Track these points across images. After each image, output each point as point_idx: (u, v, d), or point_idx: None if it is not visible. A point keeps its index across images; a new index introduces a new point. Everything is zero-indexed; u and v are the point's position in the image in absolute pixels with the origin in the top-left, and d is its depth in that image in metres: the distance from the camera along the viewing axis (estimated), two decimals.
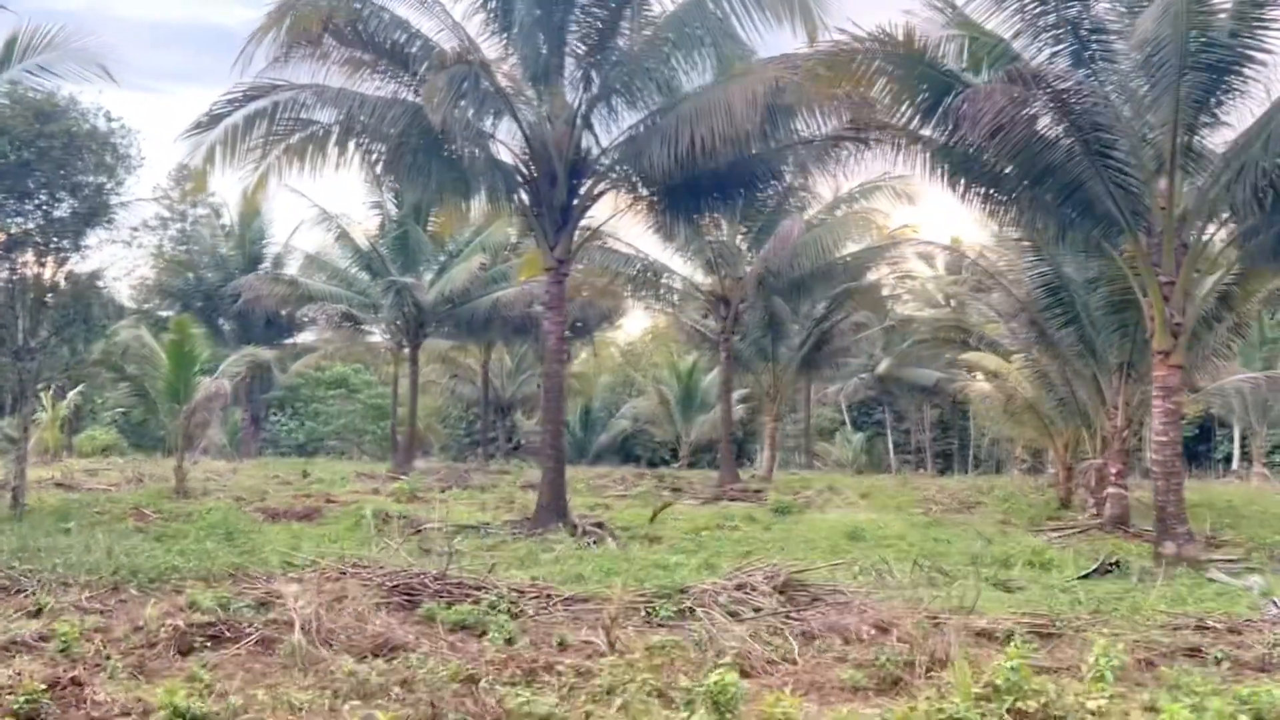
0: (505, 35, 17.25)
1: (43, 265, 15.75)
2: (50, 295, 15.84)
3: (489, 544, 15.95)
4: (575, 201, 17.48)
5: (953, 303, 49.46)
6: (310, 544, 15.15)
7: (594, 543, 16.44)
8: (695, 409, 52.20)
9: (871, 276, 35.23)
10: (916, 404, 55.23)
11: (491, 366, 56.23)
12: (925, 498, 28.17)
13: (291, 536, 16.33)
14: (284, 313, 42.10)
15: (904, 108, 14.85)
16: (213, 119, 16.35)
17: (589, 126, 17.31)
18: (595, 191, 17.71)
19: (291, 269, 41.74)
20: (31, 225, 15.55)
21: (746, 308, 29.75)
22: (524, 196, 17.62)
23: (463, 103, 14.46)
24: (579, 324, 44.38)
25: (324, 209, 35.63)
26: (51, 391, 33.09)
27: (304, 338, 50.06)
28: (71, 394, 34.60)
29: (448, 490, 26.50)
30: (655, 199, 17.85)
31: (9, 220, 15.38)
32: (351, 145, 17.38)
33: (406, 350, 35.98)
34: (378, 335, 57.46)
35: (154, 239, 41.93)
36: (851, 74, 14.83)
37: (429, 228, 36.03)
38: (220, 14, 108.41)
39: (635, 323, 75.90)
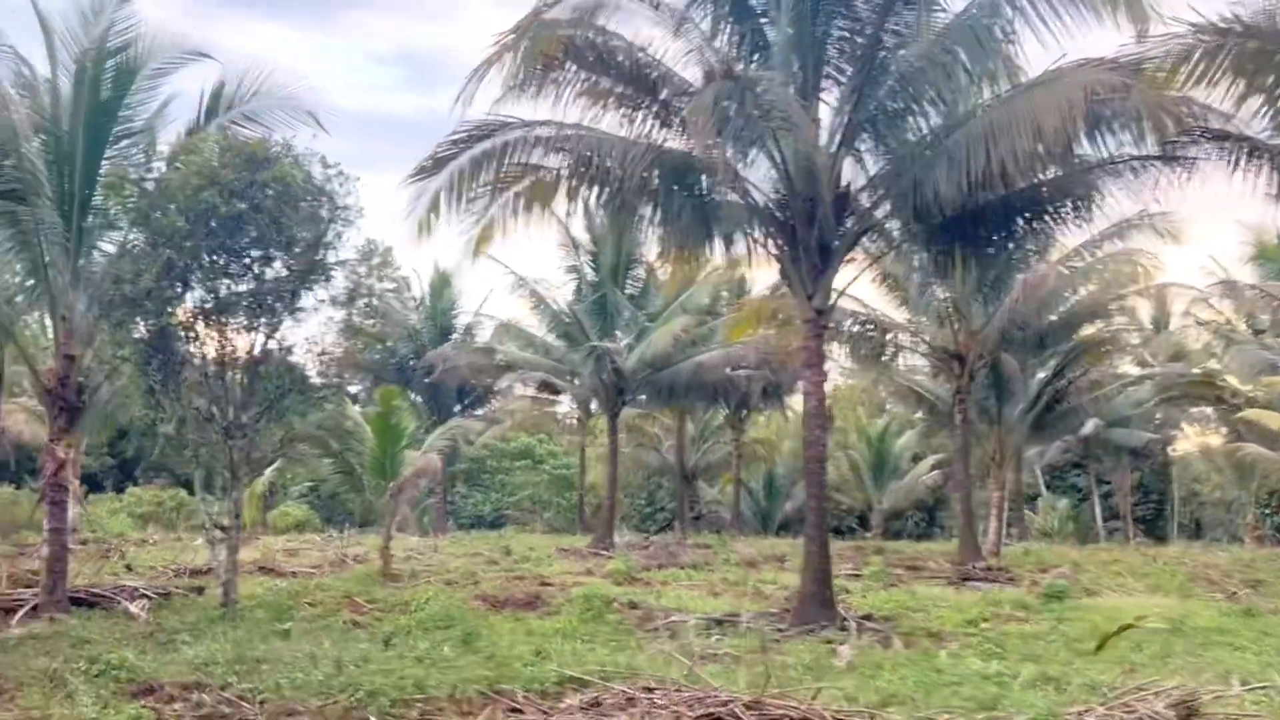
0: (755, 57, 15.20)
1: (254, 331, 14.18)
2: (262, 365, 14.25)
3: (756, 644, 13.56)
4: (836, 243, 15.17)
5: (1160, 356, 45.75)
6: (555, 644, 13.05)
7: (879, 642, 13.91)
8: (887, 475, 49.40)
9: (1097, 328, 31.74)
10: (1121, 467, 51.29)
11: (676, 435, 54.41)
12: (1194, 574, 24.70)
13: (527, 634, 14.31)
14: (473, 382, 41.01)
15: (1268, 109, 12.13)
16: (437, 163, 14.68)
17: (855, 154, 15.03)
18: (860, 229, 15.34)
19: (481, 339, 40.64)
20: (243, 287, 14.03)
21: (983, 365, 26.79)
22: (778, 240, 15.40)
23: (725, 127, 12.37)
24: (768, 388, 42.16)
25: (520, 274, 34.26)
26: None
27: (490, 409, 48.91)
28: (269, 470, 33.83)
29: (663, 569, 24.32)
30: (931, 235, 15.35)
31: (219, 282, 13.88)
32: (584, 190, 15.51)
33: (604, 418, 34.21)
34: (565, 404, 56.44)
35: (341, 313, 41.32)
36: (1189, 74, 12.27)
37: (627, 290, 34.27)
38: (390, 103, 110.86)
39: None
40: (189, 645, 11.88)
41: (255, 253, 13.79)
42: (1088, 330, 29.49)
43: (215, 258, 13.57)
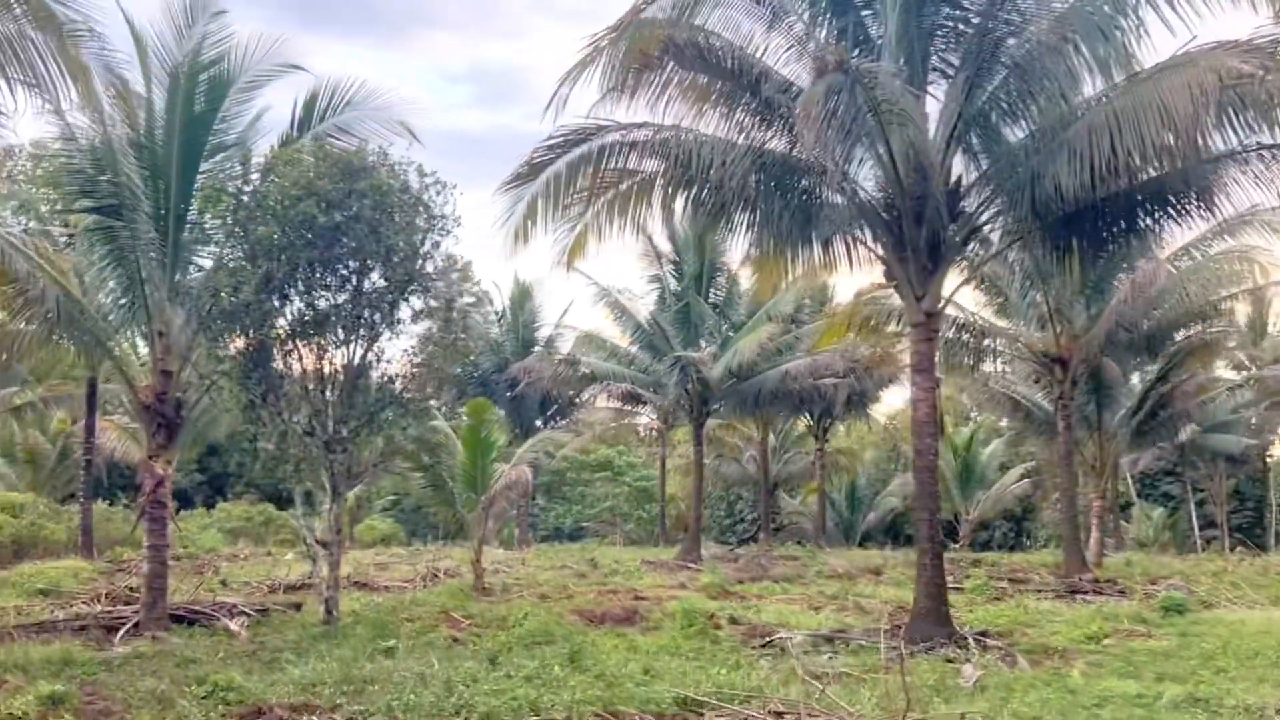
0: (856, 52, 14.64)
1: (352, 344, 13.92)
2: (361, 378, 13.98)
3: (870, 663, 12.97)
4: (946, 242, 14.55)
5: None
6: (663, 663, 12.60)
7: (1002, 661, 13.24)
8: (974, 484, 48.48)
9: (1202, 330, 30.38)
10: (1218, 474, 49.73)
11: (755, 445, 53.80)
12: None
13: (631, 650, 13.90)
14: (556, 394, 40.73)
15: None
16: (533, 169, 14.37)
17: (966, 148, 14.39)
18: (971, 227, 14.66)
19: (562, 351, 40.33)
20: (340, 299, 13.77)
21: (1087, 370, 25.85)
22: (885, 241, 14.81)
23: (835, 122, 11.85)
24: (853, 396, 41.42)
25: (602, 285, 34.02)
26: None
27: (571, 421, 48.67)
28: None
29: (756, 582, 23.76)
30: (1047, 231, 14.63)
31: (317, 294, 13.65)
32: (679, 193, 15.10)
33: (682, 429, 33.71)
34: (644, 415, 56.14)
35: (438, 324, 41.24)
36: None
37: (710, 299, 33.77)
38: (461, 120, 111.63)
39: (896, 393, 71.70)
40: (294, 664, 11.61)
41: (352, 264, 13.54)
42: (1193, 331, 28.23)
43: (313, 269, 13.34)
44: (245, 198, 13.64)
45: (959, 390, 59.77)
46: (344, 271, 13.66)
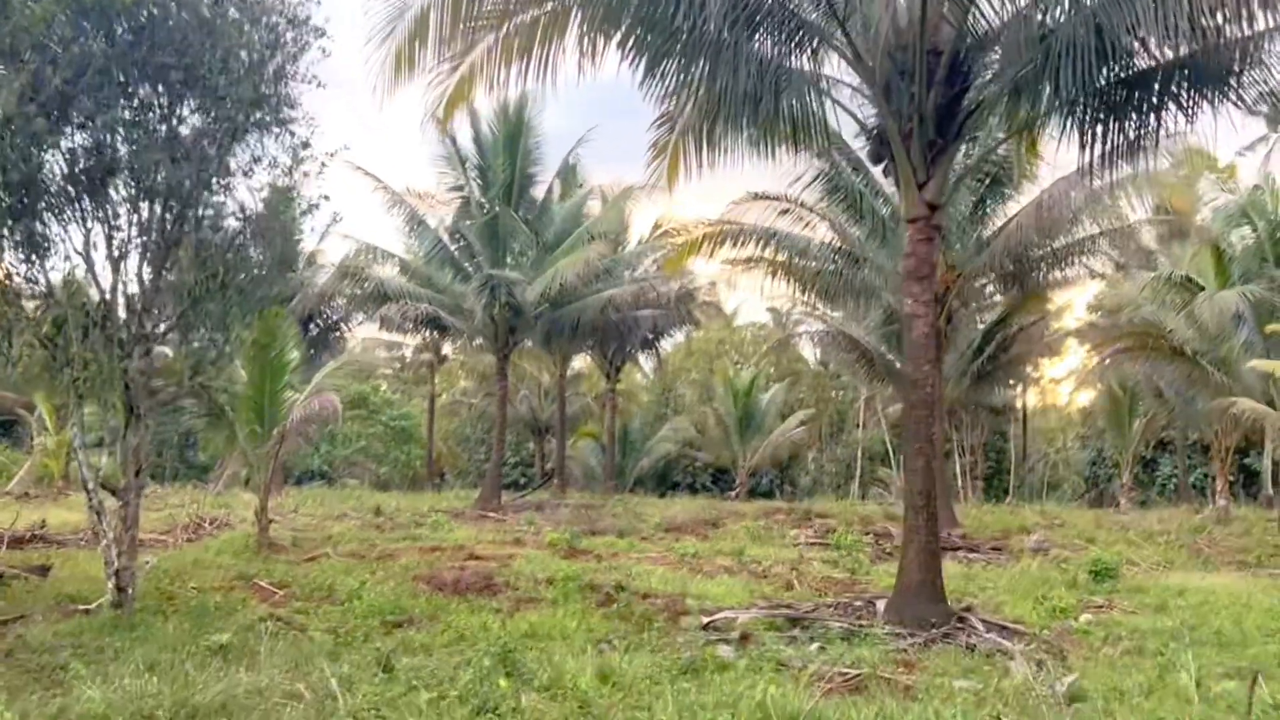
0: None
1: (162, 198, 9.32)
2: (176, 249, 9.43)
3: (886, 656, 9.75)
4: (959, 115, 11.34)
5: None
6: (617, 661, 9.00)
7: (1044, 652, 10.28)
8: (753, 431, 47.21)
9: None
10: (979, 427, 50.39)
11: (529, 384, 50.65)
12: (1176, 542, 21.89)
13: (533, 636, 10.34)
14: (320, 317, 35.60)
15: None
16: None
17: None
18: (998, 91, 11.30)
19: (324, 270, 34.63)
20: (149, 129, 9.09)
21: (964, 304, 23.47)
22: (882, 110, 11.40)
23: None
24: (650, 335, 38.76)
25: (393, 189, 29.02)
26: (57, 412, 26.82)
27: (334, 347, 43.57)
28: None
29: (597, 536, 20.28)
30: (1087, 105, 11.45)
31: (111, 117, 8.92)
32: (607, 32, 11.16)
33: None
34: (410, 348, 51.56)
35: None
36: None
37: (521, 213, 29.44)
38: None
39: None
40: (87, 680, 7.25)
41: (171, 77, 8.89)
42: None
43: (108, 83, 8.66)
44: None
45: (783, 330, 58.22)
46: (154, 90, 9.01)
